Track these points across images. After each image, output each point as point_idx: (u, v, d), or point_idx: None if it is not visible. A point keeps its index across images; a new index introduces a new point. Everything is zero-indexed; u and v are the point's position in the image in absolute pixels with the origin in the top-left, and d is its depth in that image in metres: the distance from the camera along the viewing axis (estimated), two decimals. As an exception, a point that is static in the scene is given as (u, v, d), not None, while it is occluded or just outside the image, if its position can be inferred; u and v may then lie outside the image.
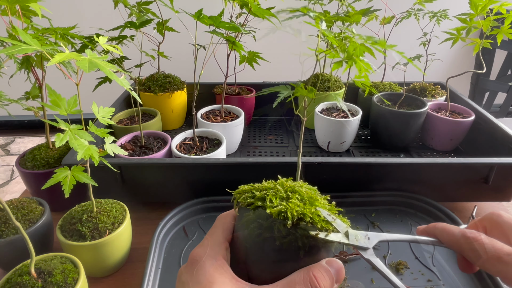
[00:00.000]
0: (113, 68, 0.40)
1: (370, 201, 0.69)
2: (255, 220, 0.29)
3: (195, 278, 0.29)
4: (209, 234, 0.33)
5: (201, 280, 0.28)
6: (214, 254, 0.30)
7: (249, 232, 0.29)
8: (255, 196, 0.30)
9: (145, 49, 0.85)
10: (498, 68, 1.76)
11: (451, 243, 0.31)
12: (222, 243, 0.31)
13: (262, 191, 0.30)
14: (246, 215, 0.30)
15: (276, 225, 0.28)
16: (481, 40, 0.81)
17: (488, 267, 0.28)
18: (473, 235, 0.29)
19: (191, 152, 0.74)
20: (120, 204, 0.58)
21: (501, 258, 0.27)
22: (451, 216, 0.63)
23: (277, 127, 1.05)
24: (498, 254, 0.27)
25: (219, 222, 0.33)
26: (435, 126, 0.87)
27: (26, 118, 2.52)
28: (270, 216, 0.28)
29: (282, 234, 0.27)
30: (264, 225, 0.28)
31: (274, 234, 0.28)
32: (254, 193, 0.30)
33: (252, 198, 0.30)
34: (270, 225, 0.28)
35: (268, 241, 0.28)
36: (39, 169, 0.66)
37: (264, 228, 0.28)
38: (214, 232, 0.33)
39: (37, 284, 0.43)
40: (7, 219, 0.53)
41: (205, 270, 0.29)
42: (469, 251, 0.29)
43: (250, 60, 0.90)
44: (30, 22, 0.58)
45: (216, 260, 0.29)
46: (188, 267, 0.30)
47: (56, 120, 0.44)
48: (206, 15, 0.63)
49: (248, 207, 0.29)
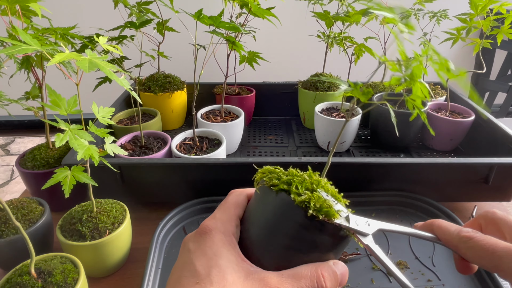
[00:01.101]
0: (113, 68, 0.40)
1: (370, 201, 0.69)
2: (276, 202, 0.28)
3: (201, 249, 0.28)
4: (221, 208, 0.32)
5: (207, 252, 0.28)
6: (225, 230, 0.29)
7: (266, 213, 0.29)
8: (281, 179, 0.29)
9: (145, 49, 0.85)
10: (498, 68, 1.76)
11: (447, 241, 0.31)
12: (233, 220, 0.31)
13: (289, 176, 0.30)
14: (267, 195, 0.29)
15: (296, 212, 0.27)
16: (481, 40, 0.81)
17: (484, 263, 0.29)
18: (468, 233, 0.30)
19: (191, 152, 0.74)
20: (120, 204, 0.59)
21: (496, 252, 0.27)
22: (451, 216, 0.63)
23: (277, 127, 1.05)
24: (494, 249, 0.28)
25: (233, 198, 0.33)
26: (435, 126, 0.87)
27: (26, 118, 2.52)
28: (292, 202, 0.27)
29: (300, 222, 0.27)
30: (285, 209, 0.28)
31: (294, 220, 0.27)
32: (280, 176, 0.30)
33: (278, 180, 0.29)
34: (291, 210, 0.28)
35: (285, 226, 0.28)
36: (39, 169, 0.66)
37: (283, 212, 0.28)
38: (226, 207, 0.32)
39: (37, 284, 0.43)
40: (7, 219, 0.53)
41: (213, 243, 0.28)
42: (465, 249, 0.30)
43: (250, 60, 0.90)
44: (30, 22, 0.58)
45: (226, 236, 0.29)
46: (197, 237, 0.30)
47: (56, 120, 0.44)
48: (206, 15, 0.63)
49: (272, 188, 0.29)
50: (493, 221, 0.32)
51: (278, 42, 2.09)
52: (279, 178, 0.30)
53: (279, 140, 0.98)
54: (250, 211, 0.32)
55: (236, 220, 0.31)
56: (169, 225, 0.63)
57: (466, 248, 0.29)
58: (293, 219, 0.28)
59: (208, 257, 0.27)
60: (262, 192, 0.30)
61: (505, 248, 0.27)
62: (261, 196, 0.30)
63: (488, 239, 0.28)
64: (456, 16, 0.83)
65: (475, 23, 0.79)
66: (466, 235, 0.30)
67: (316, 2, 0.93)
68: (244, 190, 0.34)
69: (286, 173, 0.31)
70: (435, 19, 0.89)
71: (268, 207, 0.29)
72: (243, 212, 0.32)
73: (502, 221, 0.31)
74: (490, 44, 0.81)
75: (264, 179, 0.30)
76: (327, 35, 0.94)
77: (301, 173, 0.31)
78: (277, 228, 0.28)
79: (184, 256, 0.29)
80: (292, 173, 0.30)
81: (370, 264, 0.57)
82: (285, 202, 0.28)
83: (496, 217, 0.31)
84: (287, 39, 2.12)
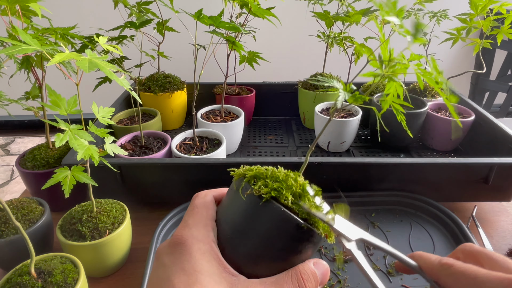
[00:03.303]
0: (113, 68, 0.40)
1: (370, 201, 0.69)
2: (267, 214, 0.27)
3: (178, 264, 0.26)
4: (191, 214, 0.30)
5: (185, 267, 0.25)
6: (202, 237, 0.27)
7: (255, 223, 0.28)
8: (268, 185, 0.28)
9: (145, 49, 0.85)
10: (498, 68, 1.76)
11: (428, 270, 0.31)
12: (208, 224, 0.29)
13: (276, 183, 0.28)
14: (254, 203, 0.28)
15: (290, 225, 0.27)
16: (481, 40, 0.81)
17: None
18: (449, 261, 0.30)
19: (191, 152, 0.74)
20: (120, 204, 0.58)
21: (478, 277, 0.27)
22: (451, 216, 0.63)
23: (277, 127, 1.05)
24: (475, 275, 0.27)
25: (200, 201, 0.31)
26: (435, 126, 0.87)
27: (26, 118, 2.52)
28: (286, 214, 0.27)
29: (292, 234, 0.27)
30: (277, 221, 0.27)
31: (286, 232, 0.27)
32: (267, 182, 0.28)
33: (266, 187, 0.28)
34: (284, 222, 0.27)
35: (275, 237, 0.27)
36: (39, 169, 0.66)
37: (276, 224, 0.27)
38: (197, 211, 0.30)
39: (37, 284, 0.43)
40: (7, 219, 0.53)
41: (191, 255, 0.26)
42: (446, 276, 0.29)
43: (250, 60, 0.90)
44: (30, 22, 0.58)
45: (204, 244, 0.27)
46: (172, 249, 0.27)
47: (56, 120, 0.44)
48: (206, 15, 0.63)
49: (263, 196, 0.27)
50: (471, 253, 0.31)
51: (278, 42, 2.09)
52: (266, 185, 0.28)
53: (279, 140, 0.98)
54: (228, 214, 0.30)
55: (212, 223, 0.29)
56: (169, 225, 0.63)
57: (447, 275, 0.29)
58: (286, 230, 0.27)
59: (187, 273, 0.25)
60: (250, 200, 0.28)
61: (486, 274, 0.27)
62: (248, 204, 0.28)
63: (469, 266, 0.28)
64: (456, 16, 0.83)
65: (475, 23, 0.79)
66: (447, 262, 0.29)
67: (316, 2, 0.93)
68: (209, 192, 0.32)
69: (272, 177, 0.29)
70: (435, 19, 0.89)
71: (257, 217, 0.28)
72: (215, 213, 0.30)
73: (480, 253, 0.31)
74: (490, 44, 0.81)
75: (255, 188, 0.28)
76: (327, 35, 0.94)
77: (286, 174, 0.30)
78: (267, 239, 0.28)
79: (159, 272, 0.27)
80: (278, 177, 0.29)
81: (370, 264, 0.57)
82: (277, 213, 0.27)
83: (474, 250, 0.31)
84: (287, 39, 2.12)
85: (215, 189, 0.33)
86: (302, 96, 1.02)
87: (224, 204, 0.31)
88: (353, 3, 0.88)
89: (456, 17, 0.83)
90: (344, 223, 0.29)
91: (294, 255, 0.28)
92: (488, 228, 0.68)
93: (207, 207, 0.30)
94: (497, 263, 0.29)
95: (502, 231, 0.68)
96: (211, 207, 0.30)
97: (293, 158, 0.66)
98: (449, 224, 0.63)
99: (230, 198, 0.30)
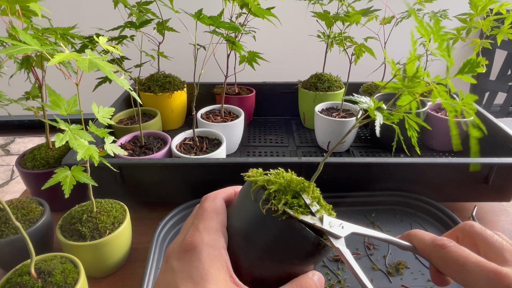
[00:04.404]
0: (113, 68, 0.40)
1: (370, 201, 0.69)
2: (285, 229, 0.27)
3: (187, 270, 0.26)
4: (202, 217, 0.29)
5: (193, 275, 0.25)
6: (212, 243, 0.27)
7: (269, 236, 0.28)
8: (288, 202, 0.28)
9: (145, 49, 0.85)
10: (498, 68, 1.76)
11: (421, 250, 0.30)
12: (220, 230, 0.28)
13: (295, 199, 0.28)
14: (270, 215, 0.27)
15: (307, 242, 0.27)
16: (481, 40, 0.81)
17: (453, 275, 0.28)
18: (442, 242, 0.29)
19: (191, 152, 0.74)
20: (120, 204, 0.59)
21: (466, 265, 0.26)
22: (451, 216, 0.63)
23: (277, 127, 1.05)
24: (464, 262, 0.27)
25: (211, 204, 0.30)
26: (435, 126, 0.87)
27: (26, 118, 2.52)
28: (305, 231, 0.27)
29: (308, 250, 0.28)
30: (297, 234, 0.27)
31: (303, 249, 0.27)
32: (287, 199, 0.28)
33: (286, 204, 0.28)
34: (302, 239, 0.27)
35: (291, 252, 0.28)
36: (39, 169, 0.66)
37: (292, 240, 0.27)
38: (208, 216, 0.29)
39: (37, 284, 0.43)
40: (7, 219, 0.53)
41: (200, 262, 0.26)
42: (437, 259, 0.29)
43: (250, 60, 0.90)
44: (30, 22, 0.58)
45: (214, 250, 0.26)
46: (182, 254, 0.27)
47: (56, 120, 0.44)
48: (206, 15, 0.63)
49: (284, 211, 0.27)
50: (470, 234, 0.31)
51: (278, 42, 2.09)
52: (286, 202, 0.28)
53: (279, 140, 0.98)
54: (242, 223, 0.29)
55: (223, 229, 0.29)
56: (169, 225, 0.63)
57: (438, 258, 0.29)
58: (304, 248, 0.27)
59: (194, 281, 0.25)
60: (269, 215, 0.27)
61: (475, 262, 0.26)
62: (269, 219, 0.27)
63: (461, 251, 0.28)
64: (456, 16, 0.83)
65: (475, 23, 0.79)
66: (439, 244, 0.29)
67: (316, 2, 0.93)
68: (218, 194, 0.31)
69: (291, 190, 0.28)
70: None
71: (276, 232, 0.27)
72: (226, 219, 0.30)
73: (478, 235, 0.30)
74: (490, 44, 0.81)
75: (274, 202, 0.27)
76: (327, 35, 0.94)
77: (302, 183, 0.29)
78: (284, 254, 0.28)
79: (167, 276, 0.27)
80: (296, 190, 0.29)
81: (370, 264, 0.57)
82: (298, 231, 0.27)
83: (473, 231, 0.30)
84: (287, 39, 2.12)
85: (223, 190, 0.32)
86: (302, 96, 1.02)
87: (236, 211, 0.30)
88: (353, 3, 0.88)
89: (456, 17, 0.83)
90: (332, 221, 0.29)
91: (303, 267, 0.28)
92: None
93: (218, 211, 0.30)
94: (491, 249, 0.29)
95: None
96: (221, 211, 0.30)
97: (293, 158, 0.66)
98: (449, 224, 0.63)
99: (245, 207, 0.29)
